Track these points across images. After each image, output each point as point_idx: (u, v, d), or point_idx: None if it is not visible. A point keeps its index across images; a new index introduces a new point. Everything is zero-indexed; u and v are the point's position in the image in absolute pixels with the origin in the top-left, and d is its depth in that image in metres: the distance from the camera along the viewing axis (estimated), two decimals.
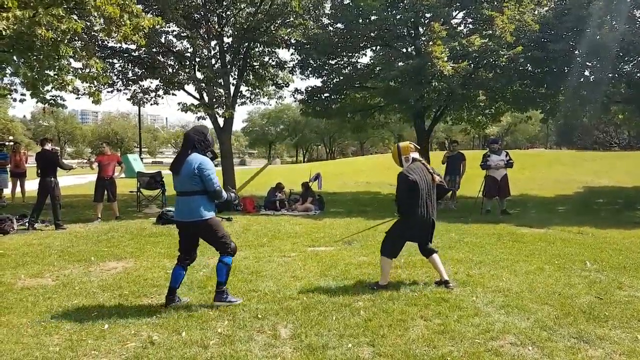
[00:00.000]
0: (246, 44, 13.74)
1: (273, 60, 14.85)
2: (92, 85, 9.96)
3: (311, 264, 6.00)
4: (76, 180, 21.88)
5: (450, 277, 5.15)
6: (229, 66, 13.97)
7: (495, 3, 12.66)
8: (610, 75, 13.44)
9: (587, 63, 13.73)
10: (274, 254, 6.70)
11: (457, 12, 13.90)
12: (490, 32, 11.69)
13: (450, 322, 3.96)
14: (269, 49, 14.41)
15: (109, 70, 12.16)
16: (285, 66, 14.80)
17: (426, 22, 13.01)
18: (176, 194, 4.51)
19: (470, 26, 13.75)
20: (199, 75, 13.45)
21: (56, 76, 8.73)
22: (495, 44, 11.48)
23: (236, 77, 14.36)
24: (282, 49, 14.05)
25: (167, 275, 5.47)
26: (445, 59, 11.76)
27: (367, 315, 4.12)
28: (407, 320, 4.01)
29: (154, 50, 13.00)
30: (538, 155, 31.37)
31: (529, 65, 13.11)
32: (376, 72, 13.52)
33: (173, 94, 14.12)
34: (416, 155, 5.10)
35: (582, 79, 13.44)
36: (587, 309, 4.28)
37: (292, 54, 14.53)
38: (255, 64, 14.82)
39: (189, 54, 13.79)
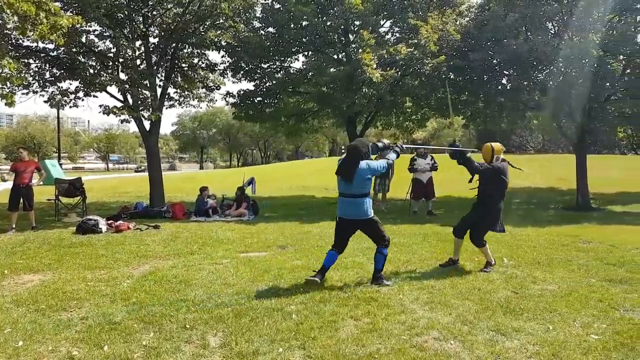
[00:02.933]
0: (173, 44, 13.34)
1: (203, 62, 14.52)
2: (4, 86, 9.24)
3: (243, 270, 5.93)
4: None
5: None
6: (155, 67, 13.48)
7: (420, 13, 13.24)
8: (525, 83, 14.48)
9: (505, 72, 14.71)
10: (204, 261, 6.55)
11: (385, 20, 14.38)
12: (416, 41, 12.19)
13: (379, 321, 4.08)
14: (199, 51, 14.08)
15: (23, 71, 11.34)
16: (216, 68, 14.54)
17: (356, 29, 13.32)
18: (341, 196, 5.39)
19: (397, 35, 14.26)
20: (122, 76, 12.85)
21: None
22: (420, 53, 12.00)
23: (163, 78, 13.89)
24: (212, 50, 13.79)
25: (87, 287, 5.20)
26: (375, 66, 12.12)
27: (299, 319, 4.15)
28: (337, 321, 4.08)
29: (74, 50, 12.28)
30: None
31: (451, 73, 13.81)
32: (309, 77, 13.65)
33: (95, 96, 13.34)
34: (502, 156, 5.98)
35: (499, 87, 14.37)
36: (505, 303, 4.57)
37: (222, 57, 14.31)
38: (183, 65, 14.42)
39: (111, 54, 13.14)
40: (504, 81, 14.85)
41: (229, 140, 66.40)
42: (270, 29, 13.72)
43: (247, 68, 14.11)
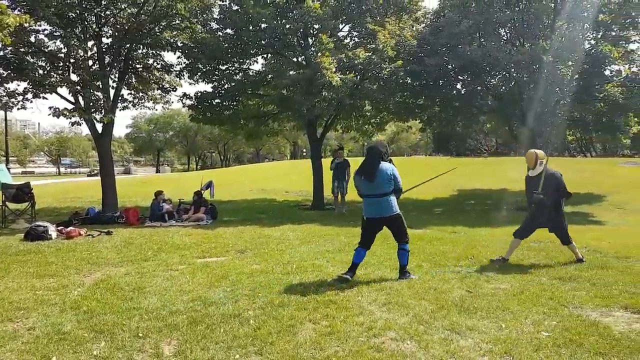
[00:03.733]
0: (128, 45, 12.98)
1: (158, 63, 14.20)
2: None
3: (200, 276, 5.81)
4: None
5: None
6: (108, 68, 13.09)
7: (378, 18, 13.43)
8: (479, 88, 14.96)
9: (460, 77, 15.16)
10: (159, 268, 6.36)
11: (344, 25, 14.50)
12: (374, 45, 12.35)
13: (337, 323, 4.08)
14: (154, 52, 13.75)
15: None
16: (172, 70, 14.24)
17: (315, 33, 13.37)
18: (365, 197, 5.68)
19: (356, 39, 14.42)
20: (73, 77, 12.39)
21: None
22: (378, 58, 12.16)
23: (116, 79, 13.50)
24: (168, 51, 13.51)
25: (36, 296, 4.96)
26: (334, 70, 12.20)
27: (257, 324, 4.09)
28: (296, 325, 4.06)
29: (22, 50, 11.76)
30: (418, 161, 33.74)
31: (408, 78, 14.08)
32: (268, 79, 13.58)
33: (44, 98, 12.84)
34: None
35: (454, 92, 14.79)
36: (459, 302, 4.67)
37: (178, 58, 14.03)
38: (138, 66, 14.05)
39: (62, 55, 12.65)
40: (458, 86, 15.33)
41: (186, 143, 65.09)
42: (229, 31, 13.55)
43: (204, 69, 13.89)
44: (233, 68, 14.23)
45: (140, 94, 14.83)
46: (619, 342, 3.66)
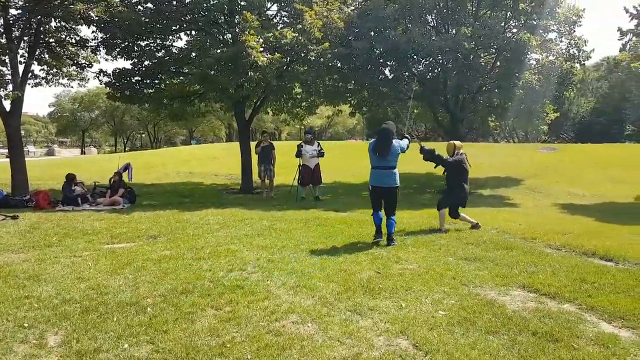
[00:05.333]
0: (38, 17, 11.96)
1: (72, 38, 13.20)
2: None
3: (104, 263, 5.48)
4: None
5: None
6: (16, 42, 12.02)
7: None
8: (407, 74, 15.21)
9: (387, 62, 15.32)
10: (62, 254, 5.96)
11: (272, 4, 14.14)
12: (300, 26, 12.14)
13: (240, 309, 3.99)
14: (67, 25, 12.75)
15: None
16: (87, 45, 13.28)
17: (241, 10, 12.91)
18: (377, 169, 6.81)
19: (285, 19, 14.12)
20: None
21: None
22: (305, 39, 11.99)
23: (26, 54, 12.43)
24: (82, 25, 12.57)
25: None
26: (261, 49, 11.89)
27: (154, 312, 3.90)
28: (196, 312, 3.91)
29: None
30: (352, 145, 34.16)
31: (337, 61, 14.03)
32: (192, 57, 13.00)
33: None
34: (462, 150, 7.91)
35: (381, 77, 14.94)
36: (366, 283, 4.71)
37: (93, 32, 13.10)
38: (50, 40, 13.00)
39: None
40: (386, 71, 15.47)
41: (113, 123, 61.75)
42: (149, 5, 12.79)
43: (123, 45, 13.06)
44: (155, 44, 13.47)
45: (54, 70, 13.77)
46: (510, 320, 3.82)
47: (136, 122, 60.43)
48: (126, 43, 12.96)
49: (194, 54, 12.94)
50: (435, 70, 15.14)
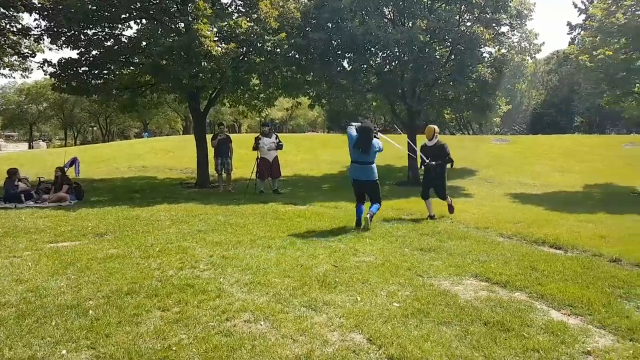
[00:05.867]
0: None
1: (13, 26, 12.42)
2: None
3: (45, 263, 5.16)
4: None
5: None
6: None
7: None
8: (365, 66, 15.16)
9: (345, 54, 15.23)
10: (0, 254, 5.57)
11: None
12: (256, 16, 11.87)
13: (189, 309, 3.82)
14: (7, 12, 11.98)
15: None
16: (30, 33, 12.53)
17: None
18: (356, 163, 7.33)
19: (241, 9, 13.78)
20: None
21: None
22: (260, 29, 11.73)
23: None
24: (24, 12, 11.84)
25: None
26: (215, 38, 11.54)
27: (96, 315, 3.68)
28: (141, 314, 3.71)
29: None
30: (313, 138, 34.03)
31: (294, 52, 13.83)
32: (142, 46, 12.47)
33: None
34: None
35: (339, 69, 14.84)
36: (322, 277, 4.63)
37: (35, 20, 12.36)
38: None
39: None
40: (344, 63, 15.38)
41: (63, 116, 59.02)
42: None
43: (69, 34, 12.38)
44: (103, 33, 12.84)
45: None
46: (462, 310, 3.83)
47: (87, 114, 58.04)
48: (72, 32, 12.28)
49: (144, 43, 12.43)
50: (393, 63, 15.16)
